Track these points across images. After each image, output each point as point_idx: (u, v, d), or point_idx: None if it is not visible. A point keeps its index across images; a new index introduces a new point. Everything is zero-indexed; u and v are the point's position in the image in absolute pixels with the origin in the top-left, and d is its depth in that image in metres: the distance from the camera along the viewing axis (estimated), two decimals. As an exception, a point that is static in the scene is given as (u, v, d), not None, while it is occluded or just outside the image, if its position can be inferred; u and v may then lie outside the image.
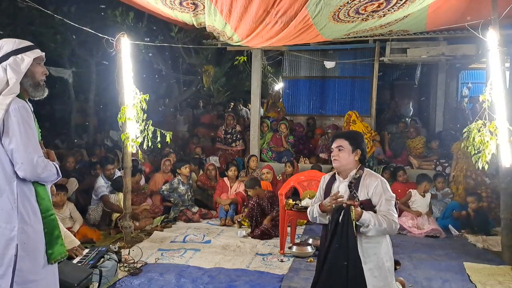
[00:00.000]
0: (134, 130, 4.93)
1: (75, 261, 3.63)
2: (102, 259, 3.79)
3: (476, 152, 4.42)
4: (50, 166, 2.20)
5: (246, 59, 8.56)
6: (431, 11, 5.34)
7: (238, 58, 8.82)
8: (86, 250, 3.89)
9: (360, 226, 2.61)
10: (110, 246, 4.30)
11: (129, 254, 4.53)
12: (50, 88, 2.35)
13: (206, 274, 4.12)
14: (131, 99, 4.88)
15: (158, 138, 5.10)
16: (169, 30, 7.96)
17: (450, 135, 7.66)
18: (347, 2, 4.82)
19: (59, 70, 10.14)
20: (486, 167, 4.33)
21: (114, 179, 5.91)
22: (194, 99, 11.99)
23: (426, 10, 5.29)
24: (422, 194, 5.92)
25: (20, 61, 2.18)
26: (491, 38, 4.40)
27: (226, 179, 6.71)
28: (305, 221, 5.71)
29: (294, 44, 7.03)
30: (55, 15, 5.81)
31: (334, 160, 2.82)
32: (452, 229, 5.73)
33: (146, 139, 5.01)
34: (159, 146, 5.22)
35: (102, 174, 5.95)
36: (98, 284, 3.56)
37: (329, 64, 8.20)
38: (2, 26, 8.21)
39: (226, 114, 9.25)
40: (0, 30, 7.90)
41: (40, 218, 2.20)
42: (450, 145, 6.91)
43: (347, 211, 2.55)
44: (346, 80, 8.90)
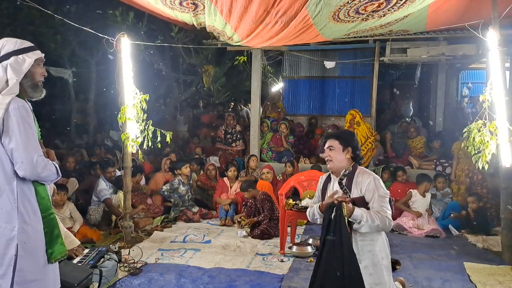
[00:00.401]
0: (134, 130, 4.93)
1: (75, 261, 3.63)
2: (102, 259, 3.79)
3: (476, 152, 4.42)
4: (50, 166, 2.20)
5: (246, 59, 8.54)
6: (431, 11, 5.35)
7: (238, 58, 8.80)
8: (86, 250, 3.90)
9: (353, 223, 2.62)
10: (110, 246, 4.31)
11: (129, 254, 4.53)
12: (50, 88, 2.35)
13: (206, 274, 4.12)
14: (131, 99, 4.89)
15: (158, 138, 5.11)
16: (169, 30, 7.95)
17: (450, 135, 7.65)
18: (347, 2, 4.83)
19: (59, 70, 10.14)
20: (486, 167, 4.33)
21: (115, 178, 5.91)
22: (194, 99, 11.97)
23: (426, 10, 5.30)
24: (423, 194, 5.92)
25: (21, 61, 2.18)
26: (491, 38, 4.40)
27: (226, 179, 6.72)
28: (305, 221, 5.72)
29: (294, 44, 7.03)
30: (55, 15, 5.82)
31: (327, 160, 2.87)
32: (452, 229, 5.73)
33: (146, 139, 5.02)
34: (159, 146, 5.22)
35: (103, 176, 5.94)
36: (98, 284, 3.56)
37: (329, 64, 8.20)
38: (2, 26, 8.21)
39: (226, 114, 9.24)
40: (0, 30, 7.90)
41: (40, 217, 2.19)
42: (450, 145, 6.91)
43: (339, 207, 2.56)
44: (346, 80, 8.91)
